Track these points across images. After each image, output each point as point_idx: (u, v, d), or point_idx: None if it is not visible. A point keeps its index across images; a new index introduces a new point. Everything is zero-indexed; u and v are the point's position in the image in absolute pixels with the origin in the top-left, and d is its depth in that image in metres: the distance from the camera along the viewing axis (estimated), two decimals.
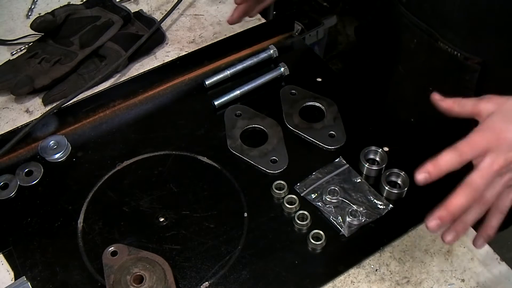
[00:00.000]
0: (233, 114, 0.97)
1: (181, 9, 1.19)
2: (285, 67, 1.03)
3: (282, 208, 0.84)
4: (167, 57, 1.09)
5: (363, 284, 0.77)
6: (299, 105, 0.98)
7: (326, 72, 1.05)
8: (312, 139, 0.93)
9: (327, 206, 0.83)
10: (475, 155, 0.64)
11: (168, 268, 0.74)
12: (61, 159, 0.92)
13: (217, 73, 1.03)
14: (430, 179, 0.64)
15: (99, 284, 0.77)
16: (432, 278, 0.77)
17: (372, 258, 0.79)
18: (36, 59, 1.03)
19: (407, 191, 0.85)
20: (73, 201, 0.86)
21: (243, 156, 0.91)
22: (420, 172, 0.64)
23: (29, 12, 1.19)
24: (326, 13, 1.94)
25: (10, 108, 1.01)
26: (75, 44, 1.05)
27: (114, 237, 0.82)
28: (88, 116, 0.98)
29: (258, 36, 1.09)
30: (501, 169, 0.64)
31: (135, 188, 0.88)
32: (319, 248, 0.80)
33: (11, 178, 0.89)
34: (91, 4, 1.11)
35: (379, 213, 0.83)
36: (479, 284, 0.76)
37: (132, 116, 0.99)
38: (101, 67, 1.03)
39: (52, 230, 0.83)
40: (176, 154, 0.92)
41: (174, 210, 0.85)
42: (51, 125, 0.96)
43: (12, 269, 0.79)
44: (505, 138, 0.64)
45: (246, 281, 0.77)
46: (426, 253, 0.80)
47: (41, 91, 1.01)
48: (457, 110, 0.69)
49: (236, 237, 0.81)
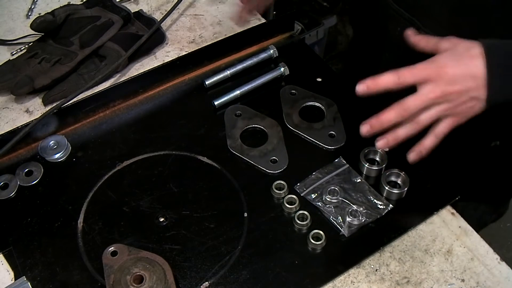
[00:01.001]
0: (233, 114, 0.97)
1: (181, 9, 1.19)
2: (285, 67, 1.03)
3: (282, 208, 0.84)
4: (167, 57, 1.09)
5: (363, 284, 0.77)
6: (299, 105, 0.98)
7: (326, 72, 1.05)
8: (312, 139, 0.93)
9: (327, 206, 0.83)
10: (414, 81, 0.73)
11: (168, 268, 0.74)
12: (61, 159, 0.92)
13: (217, 73, 1.03)
14: (368, 92, 0.74)
15: (99, 284, 0.77)
16: (432, 278, 0.77)
17: (372, 258, 0.79)
18: (36, 59, 1.03)
19: (407, 191, 0.85)
20: (73, 201, 0.86)
21: (243, 156, 0.91)
22: (360, 84, 0.74)
23: (29, 12, 1.19)
24: (326, 13, 1.94)
25: (10, 108, 1.01)
26: (75, 44, 1.05)
27: (114, 237, 0.82)
28: (88, 116, 0.98)
29: (258, 36, 1.09)
30: (437, 99, 0.73)
31: (135, 188, 0.88)
32: (319, 248, 0.80)
33: (11, 178, 0.89)
34: (91, 4, 1.11)
35: (379, 213, 0.83)
36: (479, 284, 0.76)
37: (132, 116, 0.99)
38: (101, 67, 1.03)
39: (52, 230, 0.83)
40: (176, 154, 0.92)
41: (174, 210, 0.85)
42: (51, 125, 0.96)
43: (12, 269, 0.79)
44: (446, 72, 0.73)
45: (246, 281, 0.77)
46: (426, 253, 0.80)
47: (41, 91, 1.01)
48: (423, 45, 0.78)
49: (236, 237, 0.81)
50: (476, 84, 0.73)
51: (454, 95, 0.73)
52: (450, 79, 0.73)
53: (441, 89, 0.73)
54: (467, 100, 0.74)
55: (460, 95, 0.73)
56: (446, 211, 0.84)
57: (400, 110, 0.74)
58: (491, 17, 0.83)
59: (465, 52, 0.74)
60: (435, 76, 0.73)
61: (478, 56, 0.72)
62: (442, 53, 0.75)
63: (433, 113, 0.75)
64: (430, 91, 0.73)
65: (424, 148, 0.78)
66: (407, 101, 0.73)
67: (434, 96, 0.73)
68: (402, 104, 0.74)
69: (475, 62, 0.73)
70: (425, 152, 0.78)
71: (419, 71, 0.73)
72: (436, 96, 0.73)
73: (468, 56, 0.73)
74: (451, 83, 0.73)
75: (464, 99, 0.74)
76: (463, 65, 0.73)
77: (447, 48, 0.75)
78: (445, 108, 0.74)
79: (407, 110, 0.74)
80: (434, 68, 0.73)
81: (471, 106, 0.74)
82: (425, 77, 0.73)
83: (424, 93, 0.73)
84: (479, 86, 0.73)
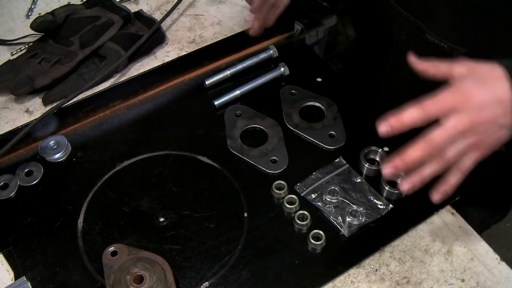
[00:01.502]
0: (233, 114, 0.97)
1: (181, 9, 1.19)
2: (285, 67, 1.03)
3: (282, 208, 0.84)
4: (167, 57, 1.09)
5: (363, 284, 0.77)
6: (299, 105, 0.98)
7: (326, 72, 1.05)
8: (312, 139, 0.93)
9: (327, 206, 0.83)
10: (440, 113, 0.66)
11: (168, 268, 0.74)
12: (61, 159, 0.92)
13: (217, 73, 1.03)
14: (392, 133, 0.66)
15: (99, 284, 0.77)
16: (432, 278, 0.77)
17: (372, 258, 0.79)
18: (36, 59, 1.03)
19: None
20: (73, 201, 0.86)
21: (243, 156, 0.91)
22: (383, 124, 0.67)
23: (29, 12, 1.19)
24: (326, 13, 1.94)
25: (10, 108, 1.01)
26: (75, 44, 1.04)
27: (114, 237, 0.82)
28: (88, 116, 0.98)
29: (258, 36, 1.09)
30: (465, 130, 0.66)
31: (135, 188, 0.88)
32: (319, 248, 0.80)
33: (11, 178, 0.89)
34: (91, 4, 1.11)
35: (379, 213, 0.83)
36: (479, 284, 0.76)
37: (132, 116, 0.99)
38: (101, 67, 1.03)
39: (52, 230, 0.83)
40: (176, 154, 0.92)
41: (174, 210, 0.85)
42: (51, 125, 0.96)
43: (12, 269, 0.79)
44: (473, 101, 0.66)
45: (246, 281, 0.77)
46: (426, 253, 0.80)
47: (41, 91, 1.01)
48: (432, 72, 0.71)
49: (236, 237, 0.81)
50: (504, 110, 0.66)
51: (484, 126, 0.67)
52: (478, 107, 0.66)
53: (470, 119, 0.66)
54: (496, 130, 0.68)
55: (489, 125, 0.67)
56: (446, 211, 0.84)
57: (428, 147, 0.66)
58: (496, 20, 0.82)
59: (488, 75, 0.68)
60: (462, 105, 0.66)
61: (503, 78, 0.66)
62: (463, 80, 0.68)
63: (461, 148, 0.67)
64: (458, 122, 0.66)
65: (449, 187, 0.71)
66: (433, 136, 0.66)
67: (462, 127, 0.66)
68: (428, 140, 0.66)
69: (500, 85, 0.66)
70: (450, 190, 0.71)
71: (445, 102, 0.66)
72: (464, 127, 0.66)
73: (492, 79, 0.67)
74: (479, 111, 0.66)
75: (493, 129, 0.67)
76: (489, 89, 0.67)
77: (464, 73, 0.69)
78: (474, 141, 0.67)
79: (435, 146, 0.66)
80: (461, 97, 0.66)
81: (500, 136, 0.68)
82: (450, 107, 0.66)
83: (450, 126, 0.66)
84: (506, 112, 0.67)
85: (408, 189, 0.70)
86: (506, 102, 0.66)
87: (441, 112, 0.66)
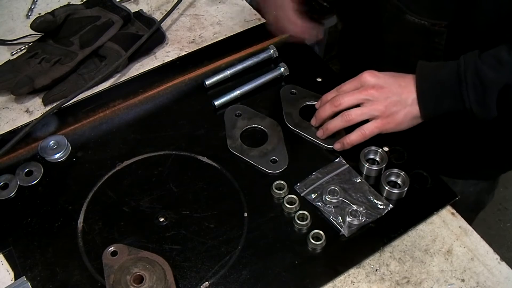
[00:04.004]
0: (233, 114, 0.97)
1: (181, 9, 1.19)
2: (285, 67, 1.03)
3: (282, 208, 0.84)
4: (167, 57, 1.09)
5: (363, 284, 0.77)
6: (299, 104, 0.98)
7: (326, 72, 1.05)
8: (313, 139, 0.93)
9: (327, 206, 0.83)
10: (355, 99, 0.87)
11: (168, 268, 0.74)
12: (61, 159, 0.92)
13: (217, 73, 1.03)
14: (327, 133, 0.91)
15: (99, 284, 0.77)
16: (432, 278, 0.77)
17: (372, 258, 0.79)
18: (36, 59, 1.03)
19: (407, 191, 0.85)
20: (73, 201, 0.86)
21: (243, 156, 0.91)
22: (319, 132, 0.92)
23: (29, 12, 1.19)
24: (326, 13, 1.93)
25: (10, 108, 1.01)
26: (75, 44, 1.05)
27: (114, 237, 0.82)
28: (88, 116, 0.98)
29: (258, 36, 1.09)
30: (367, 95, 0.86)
31: (135, 188, 0.88)
32: (319, 248, 0.80)
33: (11, 178, 0.89)
34: (91, 4, 1.11)
35: (379, 213, 0.83)
36: (479, 284, 0.76)
37: (132, 116, 0.99)
38: (101, 67, 1.03)
39: (52, 230, 0.83)
40: (176, 154, 0.92)
41: (174, 210, 0.85)
42: (51, 125, 0.96)
43: (12, 269, 0.79)
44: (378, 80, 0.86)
45: (246, 281, 0.77)
46: (426, 253, 0.80)
47: (41, 91, 1.01)
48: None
49: (236, 237, 0.81)
50: (403, 89, 0.85)
51: (385, 93, 0.85)
52: (382, 83, 0.86)
53: (374, 85, 0.85)
54: (398, 104, 0.84)
55: (389, 95, 0.85)
56: (446, 211, 0.84)
57: (333, 107, 0.88)
58: None
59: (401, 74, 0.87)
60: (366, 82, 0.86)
61: (411, 75, 0.85)
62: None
63: (364, 110, 0.85)
64: (362, 90, 0.86)
65: (347, 143, 0.88)
66: (338, 98, 0.87)
67: (365, 93, 0.85)
68: (333, 102, 0.88)
69: (405, 78, 0.86)
70: (348, 146, 0.88)
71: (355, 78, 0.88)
72: (369, 91, 0.85)
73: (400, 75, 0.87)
74: (382, 85, 0.85)
75: (394, 102, 0.84)
76: (394, 76, 0.87)
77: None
78: (376, 106, 0.85)
79: (337, 106, 0.87)
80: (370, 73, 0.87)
81: (404, 113, 0.85)
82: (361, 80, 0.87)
83: (356, 92, 0.86)
84: (406, 91, 0.85)
85: (321, 136, 0.92)
86: (406, 85, 0.85)
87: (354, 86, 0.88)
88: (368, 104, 0.85)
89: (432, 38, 0.91)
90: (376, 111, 0.85)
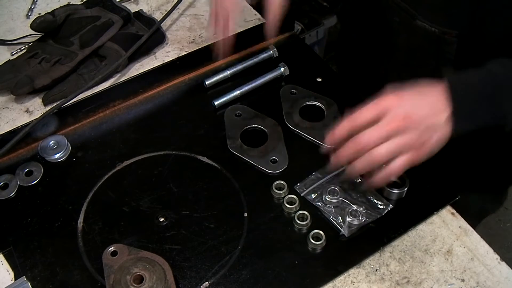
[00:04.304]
0: (233, 114, 0.97)
1: (181, 9, 1.19)
2: (285, 67, 1.03)
3: (282, 208, 0.84)
4: (167, 57, 1.09)
5: (363, 284, 0.77)
6: (299, 104, 0.98)
7: (326, 72, 1.05)
8: (313, 139, 0.93)
9: (327, 206, 0.83)
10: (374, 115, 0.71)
11: (168, 268, 0.74)
12: (61, 159, 0.92)
13: (217, 73, 1.03)
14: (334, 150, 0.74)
15: (99, 284, 0.77)
16: (432, 278, 0.77)
17: (372, 258, 0.79)
18: (36, 59, 1.03)
19: (407, 191, 0.85)
20: (73, 201, 0.86)
21: (243, 156, 0.91)
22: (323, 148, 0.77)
23: (29, 12, 1.19)
24: (326, 13, 1.94)
25: (10, 108, 1.01)
26: (75, 44, 1.05)
27: (114, 237, 0.82)
28: (88, 116, 0.98)
29: (258, 36, 1.09)
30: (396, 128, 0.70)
31: (135, 188, 0.88)
32: (319, 248, 0.80)
33: (11, 178, 0.89)
34: (91, 4, 1.11)
35: (379, 213, 0.83)
36: (479, 284, 0.76)
37: (132, 116, 0.99)
38: (101, 67, 1.03)
39: (52, 230, 0.83)
40: (176, 154, 0.92)
41: (174, 210, 0.85)
42: (51, 125, 0.96)
43: (12, 269, 0.79)
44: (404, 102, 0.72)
45: (246, 281, 0.77)
46: (426, 253, 0.80)
47: (41, 91, 1.01)
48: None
49: (236, 237, 0.81)
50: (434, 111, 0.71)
51: (414, 124, 0.70)
52: (410, 107, 0.71)
53: (401, 116, 0.70)
54: (428, 130, 0.71)
55: (419, 123, 0.71)
56: (446, 211, 0.84)
57: (354, 146, 0.72)
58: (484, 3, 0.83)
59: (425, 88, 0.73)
60: (394, 106, 0.71)
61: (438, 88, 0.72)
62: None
63: (392, 147, 0.71)
64: (389, 122, 0.70)
65: (374, 183, 0.75)
66: (361, 136, 0.71)
67: (394, 126, 0.70)
68: (355, 140, 0.72)
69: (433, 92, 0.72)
70: (374, 187, 0.78)
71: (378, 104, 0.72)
72: (395, 126, 0.70)
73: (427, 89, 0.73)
74: (410, 110, 0.71)
75: (424, 128, 0.71)
76: (421, 95, 0.72)
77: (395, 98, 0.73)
78: (405, 141, 0.71)
79: (362, 146, 0.72)
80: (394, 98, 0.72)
81: (434, 137, 0.72)
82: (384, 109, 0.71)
83: (381, 125, 0.71)
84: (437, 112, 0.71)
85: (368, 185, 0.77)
86: (437, 104, 0.71)
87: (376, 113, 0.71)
88: (396, 138, 0.71)
89: (442, 46, 0.89)
90: (406, 146, 0.71)
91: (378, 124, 0.71)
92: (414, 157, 0.72)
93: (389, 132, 0.70)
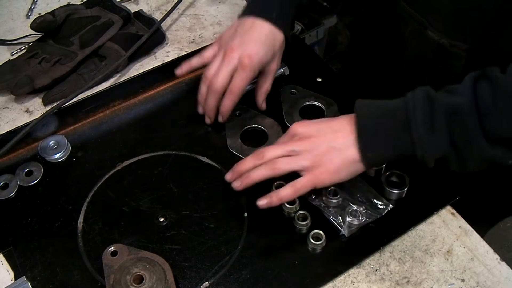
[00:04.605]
0: (234, 114, 0.97)
1: (181, 9, 1.19)
2: (285, 67, 1.03)
3: (282, 208, 0.84)
4: (167, 57, 1.09)
5: (363, 284, 0.77)
6: (299, 104, 0.98)
7: (326, 72, 1.04)
8: None
9: (327, 206, 0.83)
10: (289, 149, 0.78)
11: (168, 268, 0.74)
12: (61, 159, 0.92)
13: None
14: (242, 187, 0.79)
15: (99, 284, 0.77)
16: (432, 278, 0.77)
17: (372, 258, 0.79)
18: (36, 59, 1.03)
19: (407, 191, 0.84)
20: (73, 201, 0.86)
21: (243, 156, 0.91)
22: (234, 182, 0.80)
23: (29, 12, 1.19)
24: (326, 13, 1.94)
25: (10, 108, 1.01)
26: (75, 44, 1.05)
27: (114, 237, 0.82)
28: (88, 116, 0.98)
29: None
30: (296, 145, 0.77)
31: (135, 188, 0.88)
32: (319, 248, 0.80)
33: (11, 178, 0.89)
34: (91, 4, 1.11)
35: (379, 213, 0.83)
36: (479, 284, 0.76)
37: (132, 116, 0.99)
38: (101, 67, 1.03)
39: (52, 230, 0.83)
40: (176, 154, 0.92)
41: (174, 210, 0.85)
42: (51, 125, 0.96)
43: (12, 269, 0.79)
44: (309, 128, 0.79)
45: (246, 281, 0.77)
46: (426, 253, 0.80)
47: (41, 91, 1.01)
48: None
49: (236, 237, 0.81)
50: (337, 136, 0.76)
51: (316, 142, 0.76)
52: (313, 131, 0.77)
53: (306, 136, 0.77)
54: (331, 152, 0.75)
55: (321, 144, 0.76)
56: (446, 211, 0.84)
57: (256, 160, 0.78)
58: (495, 18, 0.83)
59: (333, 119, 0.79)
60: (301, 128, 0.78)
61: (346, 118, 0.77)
62: None
63: (293, 164, 0.76)
64: (295, 140, 0.77)
65: (277, 197, 0.77)
66: (264, 151, 0.78)
67: (297, 143, 0.76)
68: (258, 154, 0.78)
69: (339, 121, 0.77)
70: (277, 202, 0.78)
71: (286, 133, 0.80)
72: (299, 143, 0.76)
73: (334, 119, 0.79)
74: (312, 134, 0.77)
75: (326, 150, 0.75)
76: (326, 122, 0.79)
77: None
78: (305, 155, 0.76)
79: (262, 159, 0.78)
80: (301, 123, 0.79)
81: (335, 157, 0.75)
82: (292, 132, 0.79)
83: (281, 141, 0.79)
84: (341, 137, 0.75)
85: (237, 187, 0.80)
86: (342, 127, 0.76)
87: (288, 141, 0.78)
88: (295, 154, 0.76)
89: (450, 60, 0.89)
90: (305, 161, 0.75)
91: (279, 141, 0.80)
92: (315, 175, 0.76)
93: (287, 149, 0.77)
